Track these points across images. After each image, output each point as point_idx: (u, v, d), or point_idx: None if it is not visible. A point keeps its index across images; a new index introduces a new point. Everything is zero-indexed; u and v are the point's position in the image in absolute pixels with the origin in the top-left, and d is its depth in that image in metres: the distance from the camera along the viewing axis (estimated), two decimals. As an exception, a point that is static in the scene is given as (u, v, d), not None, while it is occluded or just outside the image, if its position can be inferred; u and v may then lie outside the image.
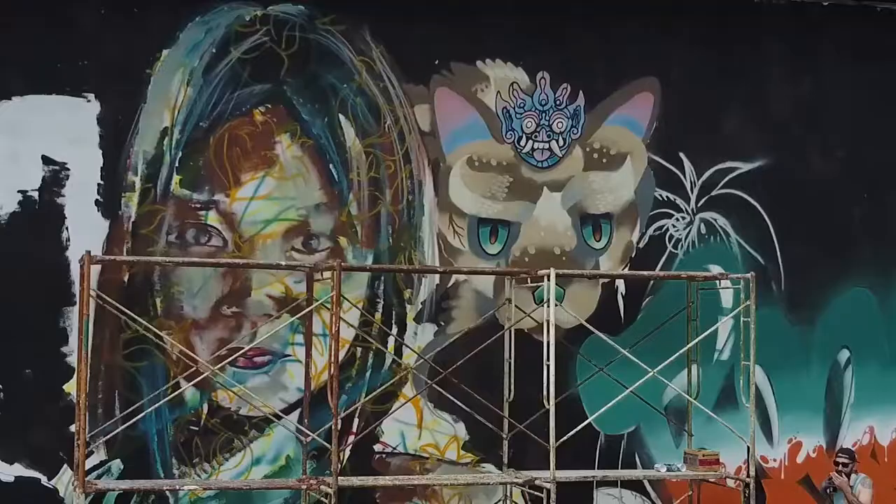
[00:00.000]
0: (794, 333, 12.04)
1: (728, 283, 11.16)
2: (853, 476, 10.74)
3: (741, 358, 10.83)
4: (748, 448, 10.34)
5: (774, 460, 11.98)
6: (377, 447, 10.68)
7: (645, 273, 11.19)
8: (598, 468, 11.22)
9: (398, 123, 10.72)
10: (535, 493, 10.96)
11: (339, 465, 10.42)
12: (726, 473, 10.49)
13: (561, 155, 11.23)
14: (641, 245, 11.53)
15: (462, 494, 10.90)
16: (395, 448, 10.72)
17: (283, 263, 9.75)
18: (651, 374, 10.18)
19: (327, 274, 10.24)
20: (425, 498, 10.80)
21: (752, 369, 10.41)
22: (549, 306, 9.85)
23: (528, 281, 10.40)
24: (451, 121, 10.88)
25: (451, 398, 10.55)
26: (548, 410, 10.37)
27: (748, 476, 10.28)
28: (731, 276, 10.76)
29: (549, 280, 9.84)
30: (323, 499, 9.33)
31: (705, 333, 10.74)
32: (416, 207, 10.78)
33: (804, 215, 12.05)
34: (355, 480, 9.81)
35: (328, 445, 9.57)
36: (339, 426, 9.33)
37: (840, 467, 10.80)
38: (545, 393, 9.86)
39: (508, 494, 10.61)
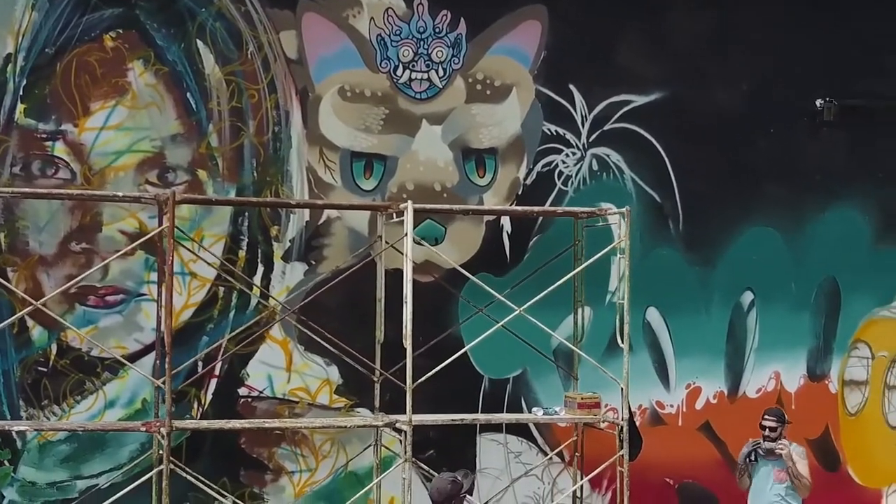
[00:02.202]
0: (693, 274, 11.54)
1: (617, 219, 10.63)
2: (784, 441, 9.70)
3: (616, 297, 10.29)
4: (622, 390, 9.85)
5: (671, 406, 11.51)
6: (242, 391, 10.22)
7: (513, 209, 10.70)
8: (481, 413, 10.78)
9: (262, 50, 10.16)
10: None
11: (201, 410, 10.13)
12: (602, 417, 10.00)
13: (441, 86, 10.68)
14: (529, 182, 11.01)
15: (334, 440, 10.45)
16: (261, 392, 10.26)
17: (122, 195, 9.21)
18: (517, 311, 9.66)
19: (185, 208, 9.79)
20: (294, 444, 10.34)
21: (625, 307, 9.88)
22: (406, 241, 9.32)
23: (394, 216, 9.87)
24: (321, 48, 10.32)
25: (321, 341, 10.08)
26: (424, 352, 9.99)
27: (621, 419, 9.79)
28: (608, 211, 10.21)
29: (406, 214, 9.31)
30: (161, 440, 8.85)
31: (573, 273, 10.13)
32: (283, 139, 10.25)
33: (705, 151, 11.52)
34: (190, 423, 9.33)
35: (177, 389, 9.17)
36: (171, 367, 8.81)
37: (767, 432, 9.70)
38: (403, 332, 9.35)
39: (378, 439, 10.13)
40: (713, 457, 11.54)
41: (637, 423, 10.46)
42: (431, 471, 10.23)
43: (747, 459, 9.93)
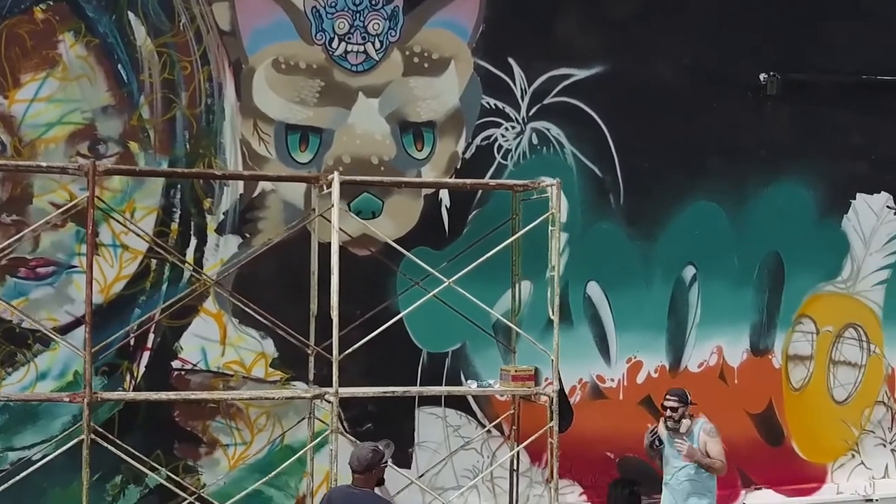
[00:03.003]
0: (635, 249, 11.53)
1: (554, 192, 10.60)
2: (685, 421, 9.37)
3: (550, 270, 10.25)
4: (552, 361, 9.83)
5: (612, 380, 11.51)
6: (175, 364, 10.20)
7: (443, 181, 10.68)
8: (419, 386, 10.76)
9: (194, 22, 10.10)
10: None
11: (134, 382, 10.12)
12: (535, 389, 9.98)
13: (378, 59, 10.64)
14: (468, 155, 10.98)
15: (270, 413, 10.43)
16: (195, 365, 10.24)
17: (46, 165, 9.18)
18: (446, 283, 9.66)
19: (117, 180, 9.77)
20: (229, 417, 10.33)
21: (555, 279, 9.87)
22: (334, 212, 9.28)
23: (324, 188, 9.84)
24: (254, 20, 10.25)
25: (255, 314, 10.06)
26: (357, 326, 9.99)
27: (553, 391, 9.77)
28: (540, 183, 10.17)
29: (334, 185, 9.27)
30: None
31: (500, 246, 10.03)
32: (216, 112, 10.20)
33: (646, 126, 11.49)
34: (115, 395, 9.33)
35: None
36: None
37: (669, 412, 9.37)
38: (331, 304, 9.33)
39: (311, 412, 10.12)
40: (654, 431, 11.56)
41: (569, 396, 10.45)
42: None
43: (652, 447, 9.58)
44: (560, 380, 9.82)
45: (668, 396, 9.44)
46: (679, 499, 9.38)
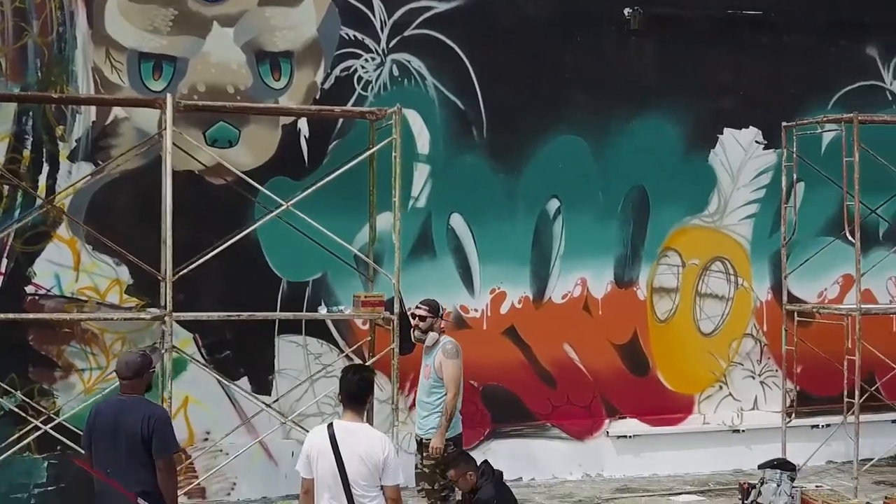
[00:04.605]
0: (498, 182, 11.67)
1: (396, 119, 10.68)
2: (433, 334, 9.17)
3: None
4: (394, 285, 9.94)
5: (476, 310, 11.67)
6: (29, 289, 10.31)
7: (284, 107, 10.74)
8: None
9: (44, -50, 10.21)
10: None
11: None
12: (381, 314, 10.11)
13: (232, -12, 10.75)
14: (326, 86, 11.09)
15: (125, 339, 10.56)
16: (49, 290, 10.35)
17: None
18: (284, 206, 9.73)
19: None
20: (84, 342, 10.45)
21: (396, 204, 9.97)
22: (166, 135, 9.34)
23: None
24: (105, -51, 10.37)
25: (108, 242, 10.17)
26: (218, 254, 10.05)
27: (391, 314, 9.89)
28: (385, 111, 10.25)
29: (166, 109, 9.34)
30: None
31: (337, 171, 10.09)
32: (68, 40, 10.28)
33: (510, 59, 11.63)
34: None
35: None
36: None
37: (416, 321, 9.19)
38: (163, 227, 9.43)
39: (162, 338, 10.18)
40: (518, 360, 11.73)
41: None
42: (221, 376, 10.43)
43: None
44: (402, 303, 9.94)
45: (418, 305, 9.32)
46: (419, 415, 9.38)
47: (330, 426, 6.17)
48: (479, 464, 8.79)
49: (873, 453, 12.00)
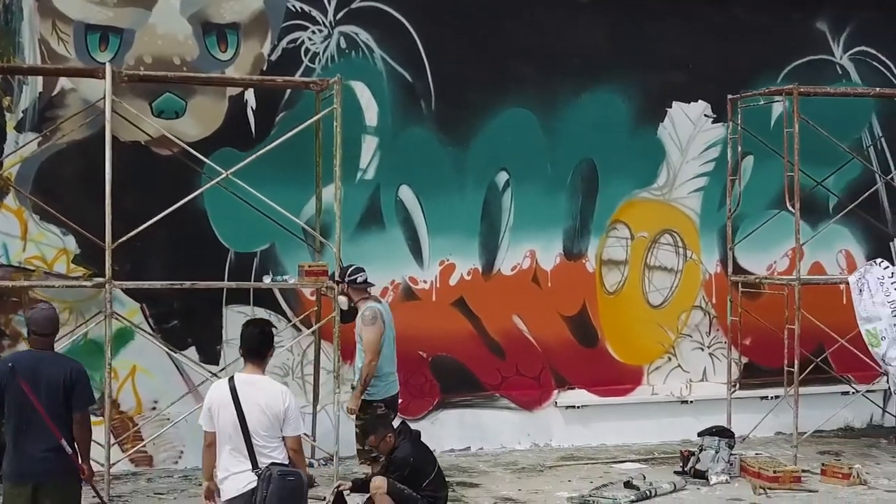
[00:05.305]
0: (447, 154, 11.76)
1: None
2: (341, 299, 9.53)
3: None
4: (335, 253, 10.04)
5: (425, 282, 11.77)
6: (-24, 258, 10.43)
7: (225, 77, 10.83)
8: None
9: (-11, -80, 10.27)
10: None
11: (-69, 276, 10.30)
12: (325, 283, 10.21)
13: (178, -40, 10.82)
14: (274, 58, 11.17)
15: (72, 308, 10.65)
16: (-4, 260, 10.47)
17: None
18: (224, 174, 9.84)
19: None
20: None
21: (337, 174, 10.08)
22: (105, 103, 9.44)
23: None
24: (51, -81, 10.43)
25: (55, 211, 10.27)
26: (165, 224, 10.14)
27: (334, 281, 9.99)
28: (327, 81, 10.35)
29: (106, 78, 9.44)
30: None
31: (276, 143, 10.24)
32: (15, 11, 10.35)
33: (458, 32, 11.72)
34: None
35: None
36: None
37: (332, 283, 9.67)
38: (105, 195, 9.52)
39: (106, 306, 10.27)
40: (467, 331, 11.85)
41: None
42: (167, 346, 10.54)
43: None
44: (342, 272, 10.03)
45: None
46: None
47: (231, 379, 6.29)
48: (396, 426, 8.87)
49: (822, 425, 12.17)
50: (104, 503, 8.30)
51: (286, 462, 6.19)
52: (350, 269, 9.57)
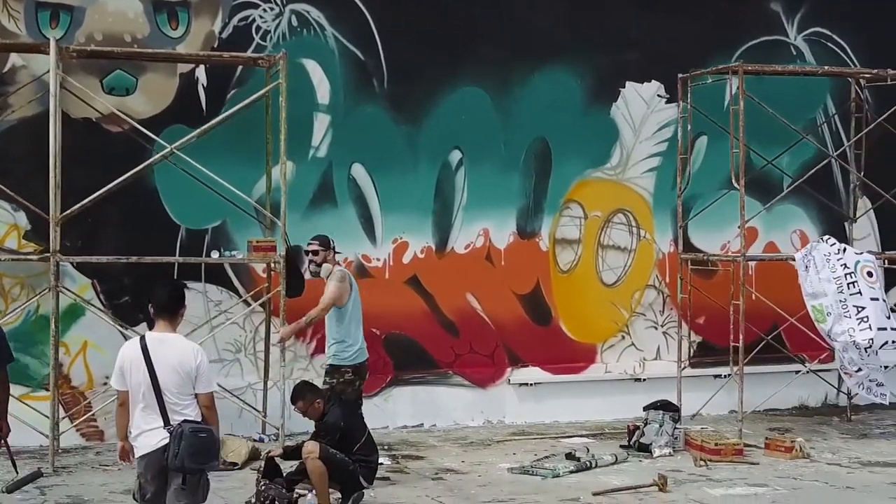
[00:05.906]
0: (400, 133, 11.83)
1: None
2: (327, 266, 9.46)
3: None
4: (281, 227, 10.12)
5: (378, 260, 11.84)
6: (-75, 233, 10.50)
7: (175, 53, 10.84)
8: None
9: None
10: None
11: None
12: (273, 258, 10.30)
13: (128, -64, 10.88)
14: (225, 36, 11.23)
15: (24, 284, 10.71)
16: (-56, 234, 10.54)
17: None
18: (169, 149, 9.92)
19: None
20: (-19, 287, 10.64)
21: (281, 150, 10.16)
22: (52, 78, 9.51)
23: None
24: None
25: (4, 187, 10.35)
26: (112, 200, 10.25)
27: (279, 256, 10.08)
28: (273, 57, 10.43)
29: (51, 52, 9.50)
30: None
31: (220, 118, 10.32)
32: (-36, -12, 10.46)
33: (410, 10, 11.79)
34: None
35: None
36: None
37: (311, 255, 9.52)
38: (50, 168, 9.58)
39: (56, 282, 10.32)
40: (421, 309, 11.92)
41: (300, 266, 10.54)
42: (117, 321, 10.60)
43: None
44: (289, 247, 10.11)
45: (310, 241, 9.61)
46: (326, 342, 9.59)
47: (142, 338, 6.35)
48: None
49: (776, 404, 12.25)
50: (13, 463, 8.38)
51: (199, 419, 6.26)
52: (329, 238, 9.62)
